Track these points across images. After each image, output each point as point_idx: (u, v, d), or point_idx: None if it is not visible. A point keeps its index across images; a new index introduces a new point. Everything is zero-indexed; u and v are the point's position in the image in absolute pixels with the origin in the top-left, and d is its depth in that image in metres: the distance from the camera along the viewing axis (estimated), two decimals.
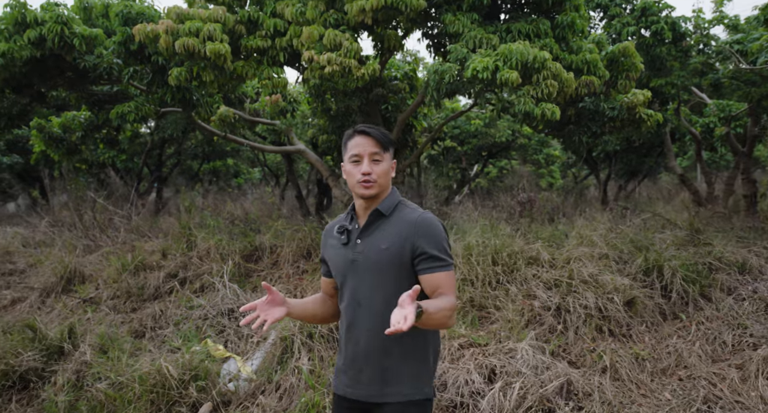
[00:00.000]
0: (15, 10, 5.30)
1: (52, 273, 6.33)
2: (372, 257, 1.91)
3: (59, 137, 8.27)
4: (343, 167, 1.98)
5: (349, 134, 1.96)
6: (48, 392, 4.21)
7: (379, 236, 1.92)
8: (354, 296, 1.94)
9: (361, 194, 1.92)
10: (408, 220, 1.92)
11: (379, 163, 1.92)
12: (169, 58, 5.53)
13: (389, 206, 1.96)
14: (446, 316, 1.80)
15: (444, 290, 1.87)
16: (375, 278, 1.91)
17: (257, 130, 10.74)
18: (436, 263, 1.88)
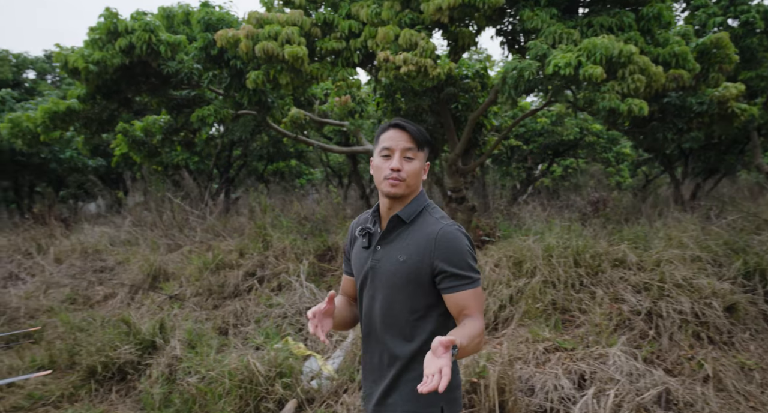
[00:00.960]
0: (108, 20, 5.59)
1: (139, 271, 6.64)
2: (389, 269, 1.77)
3: (141, 140, 8.66)
4: (371, 163, 1.82)
5: (383, 128, 1.81)
6: (144, 384, 4.41)
7: (398, 245, 1.78)
8: (370, 306, 1.82)
9: (387, 193, 1.76)
10: (429, 232, 1.75)
11: (411, 161, 1.76)
12: (248, 62, 5.68)
13: (412, 212, 1.79)
14: (477, 343, 1.67)
15: (470, 311, 1.73)
16: (390, 291, 1.77)
17: (324, 131, 10.90)
18: (460, 281, 1.72)
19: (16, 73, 13.98)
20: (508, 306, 4.57)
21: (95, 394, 4.43)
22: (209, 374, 4.21)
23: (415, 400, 1.78)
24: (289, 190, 18.48)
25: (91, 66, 5.71)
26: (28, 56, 14.50)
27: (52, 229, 8.56)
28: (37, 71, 14.92)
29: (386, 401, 1.82)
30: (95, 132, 7.28)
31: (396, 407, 1.80)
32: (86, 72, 5.76)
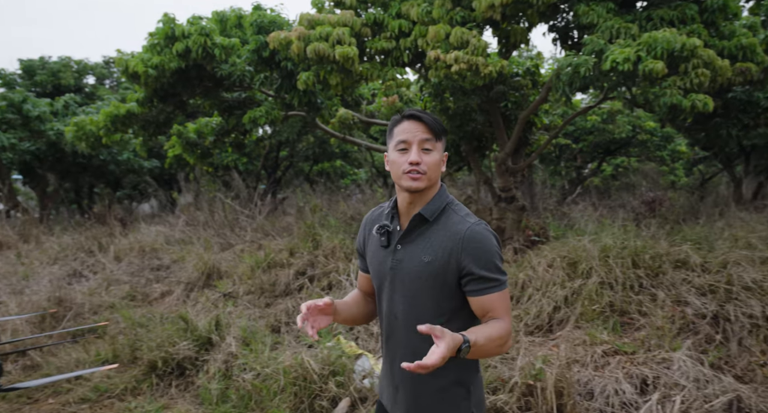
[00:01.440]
0: (166, 25, 5.77)
1: (194, 269, 6.82)
2: (412, 270, 1.68)
3: (194, 141, 8.91)
4: (386, 158, 1.73)
5: (397, 120, 1.70)
6: (201, 379, 4.53)
7: (421, 245, 1.68)
8: (391, 308, 1.73)
9: (408, 187, 1.65)
10: (455, 232, 1.66)
11: (429, 152, 1.65)
12: (299, 63, 5.75)
13: (435, 209, 1.70)
14: (498, 345, 1.60)
15: (496, 314, 1.65)
16: (414, 292, 1.68)
17: (370, 131, 10.96)
18: (487, 284, 1.64)
19: (78, 79, 14.63)
20: (563, 308, 4.48)
21: (156, 388, 4.57)
22: (264, 371, 4.28)
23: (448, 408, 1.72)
24: (334, 190, 18.66)
25: (150, 70, 5.91)
26: (89, 62, 15.14)
27: (112, 228, 8.89)
28: (96, 76, 15.58)
29: (416, 409, 1.75)
30: (152, 134, 7.53)
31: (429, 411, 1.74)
32: (145, 76, 5.96)
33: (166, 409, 4.35)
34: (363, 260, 1.88)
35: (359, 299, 1.89)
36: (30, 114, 10.13)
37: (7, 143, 9.70)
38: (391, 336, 1.75)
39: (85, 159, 11.44)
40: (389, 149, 1.71)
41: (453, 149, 8.15)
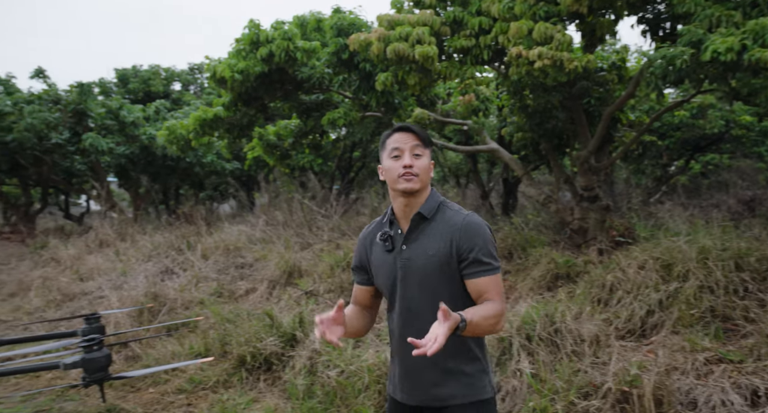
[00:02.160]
0: (251, 31, 5.99)
1: (276, 267, 7.03)
2: (419, 264, 1.87)
3: (274, 143, 9.19)
4: (380, 170, 1.94)
5: (387, 134, 1.94)
6: (288, 375, 4.66)
7: (424, 241, 1.88)
8: (405, 304, 1.90)
9: (403, 188, 1.85)
10: (453, 223, 1.87)
11: (420, 157, 1.87)
12: (378, 64, 5.80)
13: (431, 208, 1.90)
14: (492, 324, 1.79)
15: (490, 295, 1.83)
16: (424, 284, 1.86)
17: (444, 131, 10.89)
18: (481, 267, 1.83)
19: (166, 86, 15.49)
20: (657, 312, 4.26)
21: (246, 382, 4.75)
22: (348, 368, 4.35)
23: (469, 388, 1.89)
24: None
25: (236, 75, 6.15)
26: (175, 69, 15.99)
27: (199, 228, 9.33)
28: (182, 83, 16.44)
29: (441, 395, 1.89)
30: (236, 137, 7.84)
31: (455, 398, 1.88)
32: (231, 81, 6.20)
33: (256, 402, 4.51)
34: (363, 274, 2.03)
35: (358, 313, 2.03)
36: (125, 120, 10.83)
37: (105, 148, 10.42)
38: (406, 330, 1.87)
39: (173, 162, 12.07)
40: (383, 159, 1.93)
41: (531, 147, 7.96)
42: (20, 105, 10.29)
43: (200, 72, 16.69)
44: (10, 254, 9.85)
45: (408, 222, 1.91)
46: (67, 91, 11.03)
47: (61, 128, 10.81)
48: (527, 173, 7.46)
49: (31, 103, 10.51)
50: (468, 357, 1.90)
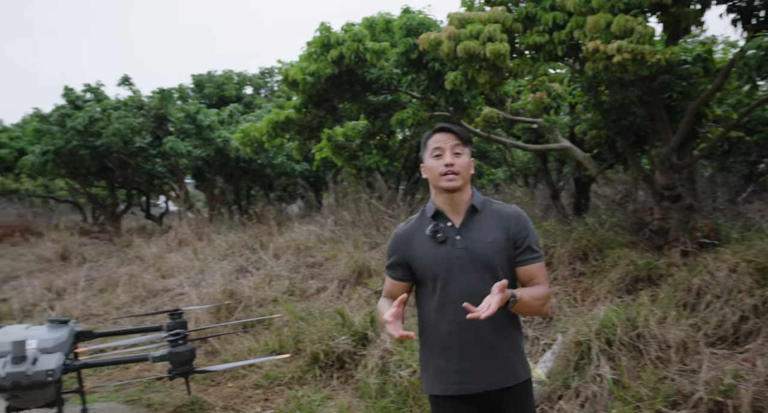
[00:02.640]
0: (322, 34, 6.10)
1: (345, 267, 7.12)
2: (480, 252, 2.00)
3: (342, 144, 9.32)
4: (422, 169, 2.08)
5: (428, 134, 2.08)
6: (360, 373, 4.70)
7: (479, 231, 2.03)
8: (463, 291, 1.98)
9: (445, 187, 2.00)
10: (505, 214, 2.05)
11: (460, 156, 2.01)
12: (448, 63, 5.76)
13: (481, 202, 2.08)
14: (540, 304, 1.99)
15: (539, 280, 2.02)
16: (486, 270, 1.99)
17: (513, 130, 10.69)
18: (533, 254, 2.04)
19: (238, 90, 16.07)
20: (752, 318, 3.99)
21: (319, 379, 4.84)
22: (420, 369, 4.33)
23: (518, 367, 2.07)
24: None
25: (307, 77, 6.28)
26: (247, 74, 16.56)
27: (271, 228, 9.59)
28: (253, 87, 17.00)
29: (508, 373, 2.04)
30: (307, 138, 8.00)
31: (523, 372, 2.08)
32: (303, 83, 6.34)
33: (330, 400, 4.59)
34: (401, 270, 2.14)
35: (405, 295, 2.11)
36: (202, 123, 11.32)
37: (184, 150, 10.92)
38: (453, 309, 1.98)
39: (245, 163, 12.49)
40: (425, 158, 2.07)
41: (607, 145, 7.66)
42: (108, 111, 10.96)
43: (270, 76, 17.23)
44: (100, 252, 10.50)
45: (457, 215, 2.06)
46: (149, 97, 11.67)
47: (144, 132, 11.42)
48: (602, 172, 7.19)
49: (118, 109, 11.18)
50: (520, 344, 2.10)
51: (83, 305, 7.71)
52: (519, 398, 2.06)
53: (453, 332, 2.01)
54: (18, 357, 3.37)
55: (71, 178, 12.84)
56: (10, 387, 3.32)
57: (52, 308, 7.65)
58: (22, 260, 10.53)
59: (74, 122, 10.69)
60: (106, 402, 4.92)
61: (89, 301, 7.90)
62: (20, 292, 8.38)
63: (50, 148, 11.00)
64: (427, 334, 2.11)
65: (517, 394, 2.06)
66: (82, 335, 4.11)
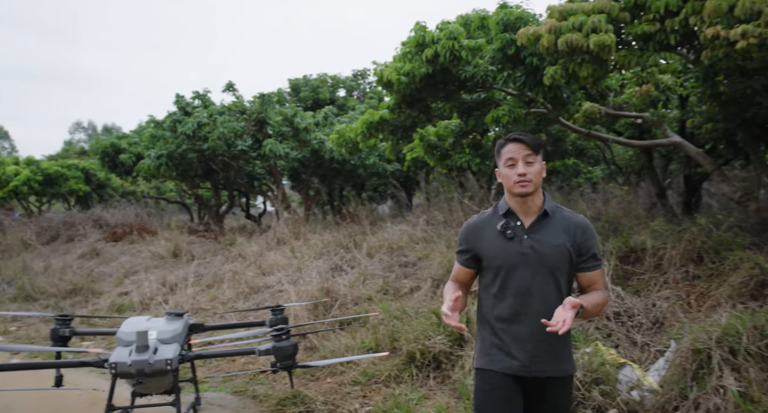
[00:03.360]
0: (417, 33, 6.10)
1: (439, 266, 7.08)
2: (545, 252, 2.18)
3: (435, 144, 9.28)
4: (498, 173, 2.29)
5: (501, 143, 2.27)
6: (457, 374, 4.65)
7: (547, 234, 2.21)
8: (523, 285, 2.19)
9: (518, 193, 2.20)
10: (574, 222, 2.23)
11: (532, 164, 2.19)
12: (547, 57, 5.56)
13: (552, 208, 2.25)
14: (600, 309, 2.20)
15: (598, 286, 2.23)
16: (547, 270, 2.17)
17: (614, 126, 10.15)
18: (596, 262, 2.25)
19: (332, 93, 16.50)
20: None
21: (416, 378, 4.84)
22: None
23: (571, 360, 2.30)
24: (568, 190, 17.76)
25: (402, 77, 6.31)
26: (340, 77, 16.96)
27: (364, 227, 9.74)
28: (346, 89, 17.39)
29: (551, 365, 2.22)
30: (400, 139, 8.04)
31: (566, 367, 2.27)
32: (398, 83, 6.37)
33: (427, 399, 4.57)
34: (468, 257, 2.37)
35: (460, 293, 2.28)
36: (299, 126, 11.72)
37: (282, 152, 11.37)
38: (522, 309, 2.21)
39: (338, 164, 12.78)
40: (500, 165, 2.27)
41: (725, 139, 7.08)
42: (214, 116, 11.63)
43: (362, 78, 17.55)
44: (206, 250, 11.16)
45: (526, 216, 2.26)
46: (250, 101, 12.26)
47: (246, 135, 12.01)
48: (718, 168, 6.64)
49: (223, 114, 11.83)
50: (565, 338, 2.25)
51: (193, 300, 8.22)
52: (561, 390, 2.26)
53: (508, 318, 2.24)
54: (142, 346, 3.64)
55: (181, 180, 13.75)
56: (136, 373, 3.59)
57: (166, 302, 8.22)
58: (139, 257, 11.41)
59: (184, 128, 11.45)
60: (215, 392, 5.20)
61: (198, 296, 8.40)
62: (139, 286, 9.08)
63: (164, 152, 11.86)
64: (485, 317, 2.34)
65: (561, 386, 2.25)
66: (195, 327, 4.38)
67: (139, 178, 16.82)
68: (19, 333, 7.72)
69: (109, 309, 8.44)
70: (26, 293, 9.50)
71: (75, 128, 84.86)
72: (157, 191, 22.53)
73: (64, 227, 15.57)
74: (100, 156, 15.97)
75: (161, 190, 22.69)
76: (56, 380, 4.33)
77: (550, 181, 18.80)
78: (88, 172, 21.27)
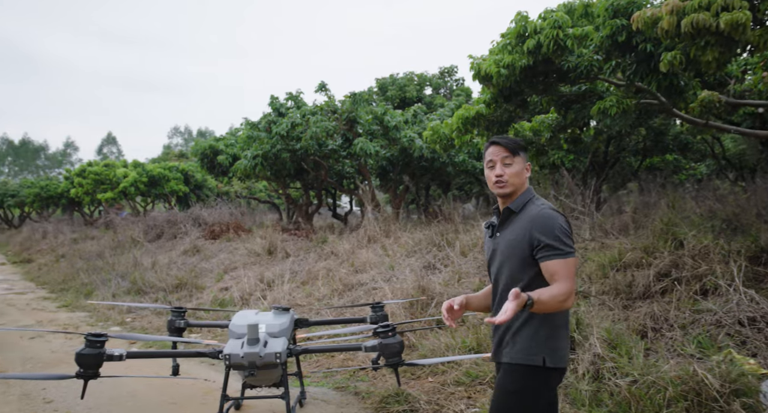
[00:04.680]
0: (518, 24, 5.87)
1: None
2: (504, 248, 2.30)
3: (530, 139, 8.95)
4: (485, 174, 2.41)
5: (486, 146, 2.39)
6: (570, 378, 4.40)
7: (509, 229, 2.30)
8: (497, 279, 2.36)
9: (497, 193, 2.34)
10: (530, 215, 2.24)
11: (510, 166, 2.29)
12: (665, 41, 5.16)
13: (519, 204, 2.30)
14: (560, 301, 2.10)
15: (558, 277, 2.14)
16: (507, 264, 2.28)
17: (733, 116, 9.38)
18: (550, 251, 2.17)
19: (419, 91, 16.44)
20: None
21: None
22: (646, 378, 3.92)
23: (525, 350, 2.26)
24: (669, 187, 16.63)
25: (501, 70, 6.09)
26: (427, 74, 16.86)
27: (456, 225, 9.58)
28: (432, 87, 17.27)
29: (502, 351, 2.33)
30: (496, 133, 7.80)
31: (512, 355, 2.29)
32: (497, 76, 6.16)
33: None
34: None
35: (488, 291, 2.51)
36: (389, 124, 11.73)
37: (372, 151, 11.43)
38: (498, 298, 2.35)
39: (426, 162, 12.68)
40: (484, 166, 2.42)
41: None
42: (307, 116, 11.89)
43: (450, 75, 17.35)
44: (299, 248, 11.42)
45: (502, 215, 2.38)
46: (341, 101, 12.42)
47: (336, 134, 12.18)
48: None
49: (315, 114, 12.07)
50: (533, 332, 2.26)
51: (289, 296, 8.40)
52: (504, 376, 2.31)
53: (493, 309, 2.44)
54: (252, 339, 3.70)
55: (274, 179, 14.19)
56: (248, 365, 3.65)
57: (264, 298, 8.46)
58: (237, 254, 11.86)
59: (278, 128, 11.77)
60: (318, 387, 5.24)
61: (294, 292, 8.58)
62: (238, 282, 9.42)
63: (259, 152, 12.27)
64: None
65: (505, 371, 2.31)
66: (300, 322, 4.42)
67: (233, 179, 17.56)
68: (134, 324, 8.23)
69: (211, 303, 8.81)
70: (137, 287, 10.13)
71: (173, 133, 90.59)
72: (248, 191, 23.48)
73: (167, 225, 16.54)
74: (199, 158, 16.83)
75: (252, 190, 23.62)
76: (173, 369, 4.51)
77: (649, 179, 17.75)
78: (187, 173, 22.53)
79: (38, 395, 5.09)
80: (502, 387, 2.32)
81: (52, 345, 7.06)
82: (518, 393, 2.25)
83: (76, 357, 3.39)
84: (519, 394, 2.25)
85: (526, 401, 2.24)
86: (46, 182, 29.74)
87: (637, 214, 8.55)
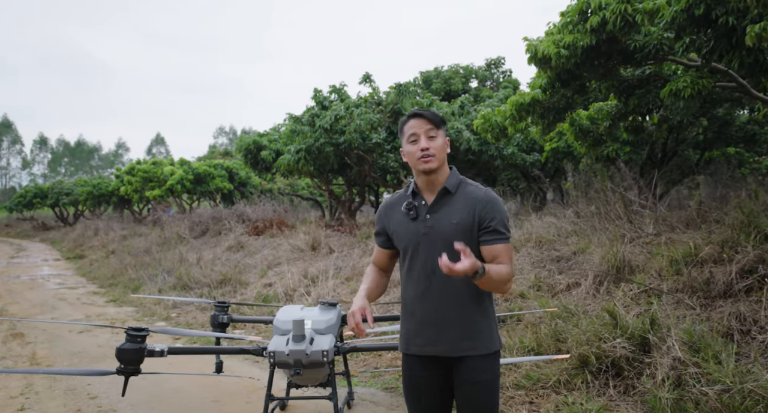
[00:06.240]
0: (581, 1, 5.42)
1: (601, 261, 6.31)
2: (443, 231, 2.14)
3: (587, 128, 8.44)
4: (402, 152, 2.27)
5: (404, 120, 2.24)
6: (647, 384, 3.97)
7: (447, 211, 2.16)
8: (427, 266, 2.16)
9: (423, 169, 2.16)
10: (475, 196, 2.15)
11: (434, 139, 2.17)
12: (753, 10, 4.63)
13: (454, 184, 2.19)
14: (504, 280, 2.07)
15: (502, 260, 2.12)
16: (447, 249, 2.06)
17: None
18: (497, 235, 2.13)
19: (464, 83, 15.99)
20: None
21: (591, 385, 4.21)
22: (743, 387, 3.45)
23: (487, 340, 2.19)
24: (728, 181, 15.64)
25: (562, 51, 5.66)
26: (473, 67, 16.39)
27: None
28: (478, 79, 16.78)
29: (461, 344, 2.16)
30: (551, 122, 7.35)
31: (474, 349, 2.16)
32: (556, 58, 5.73)
33: (608, 411, 3.94)
34: (383, 238, 2.34)
35: (377, 277, 2.37)
36: None
37: None
38: (428, 289, 2.17)
39: (474, 155, 12.25)
40: (403, 144, 2.24)
41: None
42: (351, 109, 11.62)
43: (496, 67, 16.80)
44: (343, 244, 11.19)
45: (431, 195, 2.20)
46: (386, 92, 12.10)
47: (380, 128, 11.88)
48: None
49: (359, 106, 11.79)
50: (487, 316, 2.19)
51: (333, 292, 8.16)
52: (476, 369, 2.15)
53: (416, 299, 2.20)
54: (298, 336, 3.42)
55: (317, 174, 14.01)
56: (293, 363, 3.38)
57: (308, 294, 8.25)
58: (280, 250, 11.72)
59: (322, 121, 11.55)
60: (366, 388, 4.96)
61: (338, 288, 8.34)
62: (282, 277, 9.25)
63: (302, 146, 12.08)
64: (402, 298, 2.30)
65: (474, 365, 2.15)
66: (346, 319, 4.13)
67: (276, 175, 17.52)
68: (179, 320, 8.15)
69: (255, 299, 8.66)
70: (183, 282, 10.10)
71: (218, 133, 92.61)
72: (291, 188, 23.50)
73: (212, 221, 16.63)
74: (243, 153, 16.84)
75: (295, 188, 23.63)
76: (216, 366, 4.31)
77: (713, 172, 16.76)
78: (231, 171, 22.71)
79: (83, 390, 4.98)
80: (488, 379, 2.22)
81: (99, 340, 7.02)
82: (497, 378, 2.25)
83: (117, 352, 3.21)
84: (497, 379, 2.26)
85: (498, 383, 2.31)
86: (98, 181, 30.66)
87: (702, 208, 7.93)
